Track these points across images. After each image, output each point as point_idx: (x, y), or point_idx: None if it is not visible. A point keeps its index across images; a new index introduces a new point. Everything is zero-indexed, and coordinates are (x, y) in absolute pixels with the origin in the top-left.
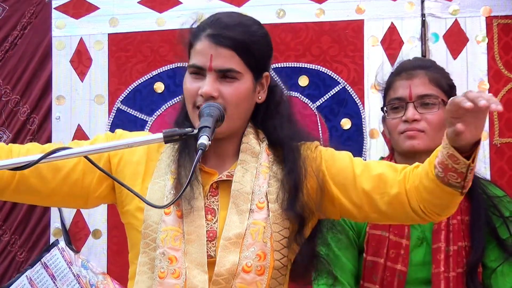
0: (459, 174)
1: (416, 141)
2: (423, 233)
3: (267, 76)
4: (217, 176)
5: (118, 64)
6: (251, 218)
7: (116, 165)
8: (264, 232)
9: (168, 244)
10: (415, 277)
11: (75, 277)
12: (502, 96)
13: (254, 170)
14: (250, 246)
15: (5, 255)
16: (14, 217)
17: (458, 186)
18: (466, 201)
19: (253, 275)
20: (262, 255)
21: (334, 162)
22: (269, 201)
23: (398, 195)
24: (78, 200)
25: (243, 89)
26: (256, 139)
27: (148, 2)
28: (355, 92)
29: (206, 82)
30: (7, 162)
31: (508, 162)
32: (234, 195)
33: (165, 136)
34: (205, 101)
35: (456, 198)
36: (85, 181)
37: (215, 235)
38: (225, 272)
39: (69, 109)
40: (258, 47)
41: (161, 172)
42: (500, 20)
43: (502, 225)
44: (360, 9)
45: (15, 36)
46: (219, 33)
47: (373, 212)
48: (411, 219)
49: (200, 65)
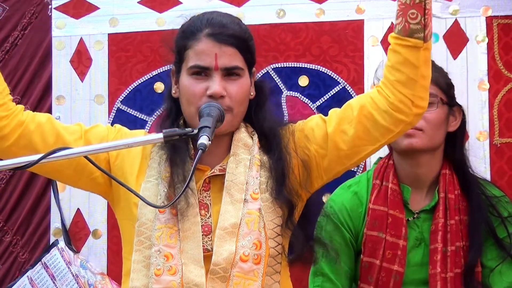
0: (418, 7)
1: (414, 139)
2: (422, 234)
3: (254, 72)
4: (210, 171)
5: (118, 64)
6: (246, 208)
7: (114, 158)
8: (259, 222)
9: (164, 241)
10: (413, 278)
11: (74, 277)
12: (502, 96)
13: (247, 162)
14: (246, 236)
15: (7, 255)
16: (16, 218)
17: (419, 29)
18: (464, 201)
19: (250, 264)
20: (258, 244)
21: (305, 125)
22: (260, 191)
23: (363, 106)
24: (72, 174)
25: (246, 86)
26: (246, 132)
27: (148, 2)
28: (355, 92)
29: (214, 81)
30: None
31: (508, 162)
32: (228, 186)
33: (165, 136)
34: (212, 100)
35: (421, 52)
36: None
37: (210, 229)
38: (222, 261)
39: (69, 109)
40: (251, 43)
41: (154, 171)
42: (500, 20)
43: (500, 225)
44: (360, 9)
45: (16, 37)
46: (220, 32)
47: (358, 139)
48: (397, 120)
49: (205, 65)
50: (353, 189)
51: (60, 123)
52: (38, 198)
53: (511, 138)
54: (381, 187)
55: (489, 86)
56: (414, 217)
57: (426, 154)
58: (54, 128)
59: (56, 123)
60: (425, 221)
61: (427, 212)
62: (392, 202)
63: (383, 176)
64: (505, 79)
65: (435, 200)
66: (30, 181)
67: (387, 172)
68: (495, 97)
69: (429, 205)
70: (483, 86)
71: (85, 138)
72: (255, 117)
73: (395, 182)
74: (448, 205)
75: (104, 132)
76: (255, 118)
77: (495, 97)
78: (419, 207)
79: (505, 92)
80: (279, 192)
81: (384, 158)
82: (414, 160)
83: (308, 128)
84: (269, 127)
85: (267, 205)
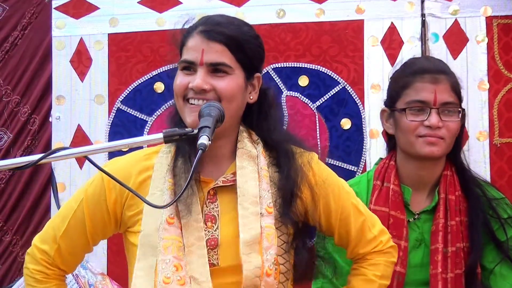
0: None
1: (435, 147)
2: (422, 235)
3: (258, 77)
4: (214, 183)
5: (118, 64)
6: (263, 222)
7: (123, 198)
8: (275, 237)
9: (174, 253)
10: (414, 279)
11: (74, 277)
12: (502, 96)
13: (255, 174)
14: (268, 249)
15: (6, 255)
16: (16, 218)
17: None
18: (465, 202)
19: (272, 278)
20: (276, 259)
21: (329, 198)
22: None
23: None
24: (101, 234)
25: (234, 84)
26: (250, 142)
27: (148, 2)
28: (355, 92)
29: (197, 75)
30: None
31: (508, 162)
32: (241, 201)
33: (165, 136)
34: (195, 94)
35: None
36: (96, 218)
37: (216, 243)
38: (251, 274)
39: (69, 109)
40: (250, 46)
41: (158, 183)
42: (500, 20)
43: (500, 228)
44: (360, 9)
45: (16, 37)
46: (211, 29)
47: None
48: None
49: (191, 59)
50: (354, 189)
51: (71, 234)
52: (38, 198)
53: (511, 138)
54: (382, 188)
55: (489, 86)
56: (414, 218)
57: (437, 161)
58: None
59: (71, 240)
60: (425, 222)
61: (428, 213)
62: (393, 203)
63: (384, 177)
64: (505, 79)
65: (435, 201)
66: (30, 181)
67: (388, 173)
68: (495, 97)
69: (429, 206)
70: (483, 86)
71: (90, 214)
72: (259, 125)
73: (397, 183)
74: (449, 206)
75: (99, 191)
76: (259, 126)
77: (495, 97)
78: (420, 208)
79: (505, 92)
80: (287, 210)
81: (385, 158)
82: (422, 163)
83: (330, 191)
84: (277, 140)
85: (277, 221)
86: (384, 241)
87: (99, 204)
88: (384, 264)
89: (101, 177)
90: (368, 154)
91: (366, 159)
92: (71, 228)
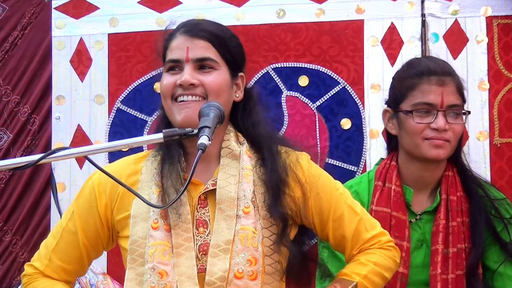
0: None
1: (442, 150)
2: (423, 235)
3: (242, 76)
4: (203, 186)
5: (118, 64)
6: (239, 224)
7: (112, 204)
8: (254, 237)
9: (158, 258)
10: (415, 279)
11: None
12: (502, 96)
13: (236, 174)
14: (240, 252)
15: (6, 255)
16: (16, 218)
17: None
18: (467, 203)
19: (246, 280)
20: (253, 260)
21: (321, 196)
22: (259, 207)
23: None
24: (103, 237)
25: (221, 79)
26: (236, 142)
27: (148, 2)
28: (355, 92)
29: (184, 72)
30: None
31: (508, 162)
32: (219, 201)
33: (165, 136)
34: (184, 90)
35: None
36: (89, 233)
37: (208, 248)
38: (216, 280)
39: (69, 109)
40: (232, 44)
41: (145, 186)
42: (500, 20)
43: (504, 229)
44: (360, 9)
45: (15, 37)
46: (193, 27)
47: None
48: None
49: (177, 57)
50: (354, 189)
51: (63, 249)
52: (38, 198)
53: (511, 138)
54: (383, 188)
55: (489, 86)
56: (416, 219)
57: (440, 162)
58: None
59: (65, 253)
60: (427, 223)
61: (430, 213)
62: (395, 203)
63: (386, 177)
64: (505, 79)
65: (437, 201)
66: (30, 181)
67: (389, 173)
68: (495, 97)
69: (431, 206)
70: (483, 86)
71: (83, 226)
72: (243, 122)
73: (398, 184)
74: (450, 206)
75: (89, 199)
76: (243, 124)
77: (495, 97)
78: (422, 208)
79: (505, 92)
80: (274, 205)
81: (386, 159)
82: (425, 164)
83: (321, 190)
84: (260, 135)
85: (265, 221)
86: (383, 240)
87: (91, 211)
88: (379, 254)
89: (91, 184)
90: (368, 154)
91: (366, 159)
92: (63, 241)
